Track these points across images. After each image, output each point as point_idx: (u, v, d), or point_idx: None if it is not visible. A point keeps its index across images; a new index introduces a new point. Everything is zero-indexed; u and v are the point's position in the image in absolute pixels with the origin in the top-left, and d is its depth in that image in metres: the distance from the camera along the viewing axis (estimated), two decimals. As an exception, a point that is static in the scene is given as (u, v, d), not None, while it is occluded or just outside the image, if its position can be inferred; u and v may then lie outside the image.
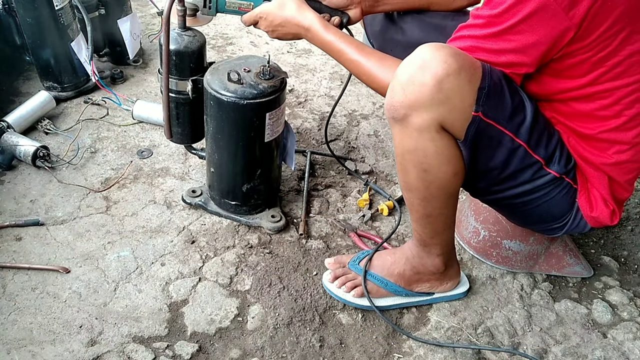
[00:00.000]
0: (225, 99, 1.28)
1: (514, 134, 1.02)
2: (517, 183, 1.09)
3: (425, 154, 1.02)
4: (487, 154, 1.04)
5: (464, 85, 0.95)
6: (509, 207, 1.21)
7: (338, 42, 1.15)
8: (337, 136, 1.91)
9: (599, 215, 1.11)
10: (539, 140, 1.05)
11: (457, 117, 0.98)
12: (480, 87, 0.96)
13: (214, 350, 1.21)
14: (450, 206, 1.15)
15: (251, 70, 1.32)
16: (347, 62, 1.15)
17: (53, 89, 1.91)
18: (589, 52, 0.95)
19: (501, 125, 1.00)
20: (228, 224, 1.52)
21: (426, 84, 0.94)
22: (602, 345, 1.28)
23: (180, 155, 1.75)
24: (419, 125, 0.99)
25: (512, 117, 1.01)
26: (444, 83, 0.94)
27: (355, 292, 1.30)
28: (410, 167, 1.06)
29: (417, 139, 1.01)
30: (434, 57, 0.94)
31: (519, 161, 1.05)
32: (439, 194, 1.09)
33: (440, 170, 1.04)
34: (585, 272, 1.45)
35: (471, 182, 1.12)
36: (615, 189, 1.10)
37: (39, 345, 1.18)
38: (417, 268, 1.28)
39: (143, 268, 1.38)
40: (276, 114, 1.34)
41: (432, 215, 1.15)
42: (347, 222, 1.56)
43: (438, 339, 1.27)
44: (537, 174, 1.07)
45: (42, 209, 1.51)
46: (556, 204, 1.12)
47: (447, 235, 1.23)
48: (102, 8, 2.00)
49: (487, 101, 0.97)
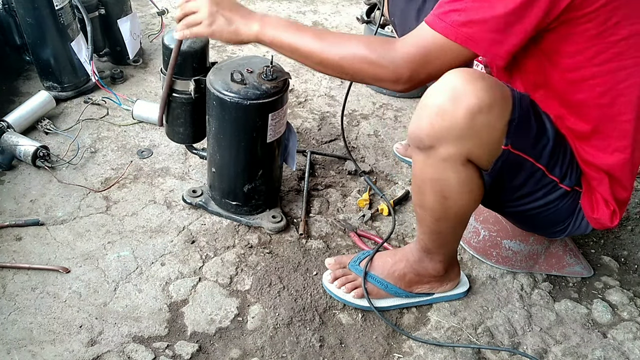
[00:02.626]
0: (228, 99, 1.28)
1: (535, 160, 1.01)
2: (530, 200, 1.09)
3: (447, 183, 1.02)
4: (508, 178, 1.04)
5: (495, 121, 0.94)
6: (518, 217, 1.22)
7: (286, 35, 1.06)
8: (337, 136, 1.91)
9: (600, 217, 1.11)
10: (556, 161, 1.04)
11: (484, 150, 0.97)
12: (510, 120, 0.95)
13: (214, 350, 1.21)
14: (463, 225, 1.16)
15: (254, 70, 1.32)
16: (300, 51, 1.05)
17: (53, 89, 1.91)
18: (586, 23, 0.92)
19: (527, 154, 1.00)
20: (228, 224, 1.52)
21: (457, 118, 0.92)
22: (602, 345, 1.28)
23: (180, 155, 1.75)
24: (444, 157, 0.97)
25: (537, 143, 1.01)
26: (476, 119, 0.92)
27: (356, 293, 1.29)
28: (430, 192, 1.06)
29: (442, 169, 1.00)
30: (467, 90, 0.92)
31: (535, 182, 1.05)
32: (454, 218, 1.10)
33: (461, 198, 1.04)
34: (585, 272, 1.45)
35: (486, 199, 1.11)
36: (616, 189, 1.10)
37: (39, 345, 1.18)
38: (418, 271, 1.28)
39: (143, 268, 1.38)
40: (279, 115, 1.34)
41: (443, 232, 1.16)
42: (347, 222, 1.56)
43: (438, 339, 1.27)
44: (550, 191, 1.08)
45: (42, 209, 1.51)
46: (563, 211, 1.12)
47: (452, 246, 1.24)
48: (102, 8, 2.00)
49: (516, 132, 0.96)
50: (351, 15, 2.78)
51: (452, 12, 0.92)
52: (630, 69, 0.97)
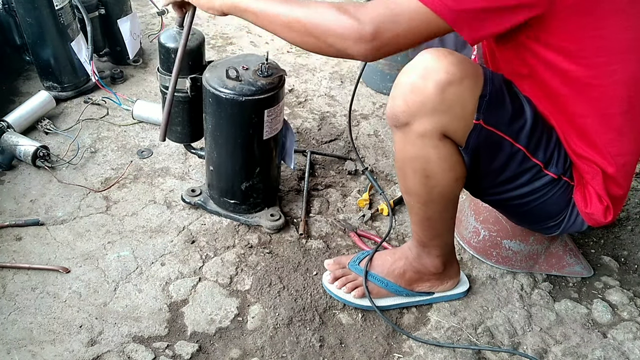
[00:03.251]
0: (223, 96, 1.28)
1: (513, 139, 1.02)
2: (516, 185, 1.09)
3: (427, 160, 1.02)
4: (488, 158, 1.04)
5: (466, 94, 0.95)
6: (508, 207, 1.22)
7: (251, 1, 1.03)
8: (337, 136, 1.91)
9: (594, 212, 1.11)
10: (538, 144, 1.05)
11: (458, 125, 0.98)
12: (482, 94, 0.96)
13: (214, 350, 1.21)
14: (451, 209, 1.15)
15: (249, 67, 1.32)
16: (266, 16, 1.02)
17: (53, 89, 1.91)
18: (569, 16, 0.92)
19: (501, 131, 1.00)
20: (228, 223, 1.52)
21: (428, 92, 0.94)
22: (602, 345, 1.28)
23: (180, 155, 1.75)
24: (421, 132, 0.99)
25: (512, 122, 1.01)
26: (446, 92, 0.94)
27: (356, 292, 1.30)
28: (411, 173, 1.06)
29: (419, 146, 1.01)
30: (437, 66, 0.94)
31: (517, 165, 1.05)
32: (439, 199, 1.10)
33: (443, 176, 1.04)
34: (585, 271, 1.45)
35: (470, 183, 1.12)
36: (609, 185, 1.09)
37: (39, 345, 1.18)
38: (417, 268, 1.28)
39: (143, 268, 1.38)
40: (275, 111, 1.34)
41: (432, 218, 1.15)
42: (347, 222, 1.56)
43: (438, 338, 1.27)
44: (535, 177, 1.07)
45: (42, 209, 1.51)
46: (554, 202, 1.12)
47: (446, 237, 1.23)
48: (102, 8, 2.00)
49: (488, 108, 0.97)
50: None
51: None
52: (615, 65, 0.97)
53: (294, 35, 1.01)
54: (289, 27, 1.00)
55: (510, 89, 1.02)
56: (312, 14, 0.97)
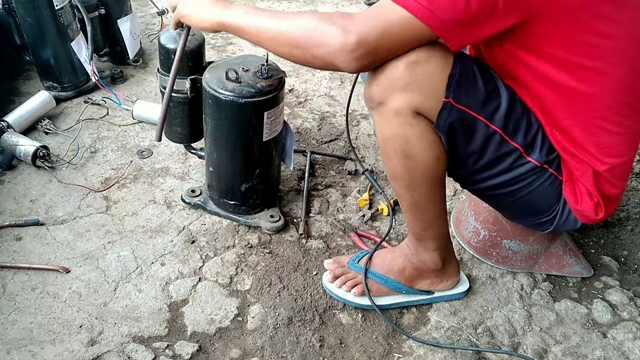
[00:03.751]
0: (223, 98, 1.28)
1: (488, 120, 1.03)
2: (497, 172, 1.10)
3: (405, 139, 1.04)
4: (464, 139, 1.05)
5: (435, 72, 0.98)
6: (494, 198, 1.21)
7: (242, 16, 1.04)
8: (337, 136, 1.91)
9: (584, 209, 1.11)
10: (516, 127, 1.06)
11: (430, 103, 1.00)
12: (451, 74, 0.98)
13: (214, 350, 1.21)
14: (437, 193, 1.15)
15: (249, 69, 1.32)
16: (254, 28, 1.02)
17: (53, 89, 1.91)
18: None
19: (474, 111, 1.02)
20: (228, 223, 1.52)
21: (397, 69, 0.97)
22: (602, 345, 1.28)
23: (180, 155, 1.75)
24: (395, 109, 1.01)
25: (486, 103, 1.02)
26: (414, 69, 0.96)
27: (356, 290, 1.30)
28: (392, 154, 1.08)
29: (396, 125, 1.03)
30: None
31: (495, 147, 1.06)
32: (423, 180, 1.10)
33: (422, 155, 1.06)
34: (585, 271, 1.45)
35: (453, 169, 1.13)
36: (601, 182, 1.09)
37: (39, 345, 1.18)
38: (416, 264, 1.28)
39: (143, 268, 1.38)
40: (274, 113, 1.34)
41: (421, 203, 1.15)
42: (347, 221, 1.56)
43: (438, 338, 1.27)
44: (516, 162, 1.08)
45: (42, 209, 1.51)
46: (541, 195, 1.12)
47: (439, 228, 1.23)
48: (102, 8, 2.00)
49: (458, 87, 0.99)
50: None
51: None
52: (603, 70, 0.98)
53: (281, 49, 1.01)
54: (275, 40, 1.01)
55: (485, 71, 1.04)
56: (296, 26, 0.98)
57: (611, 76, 0.98)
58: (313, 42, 0.96)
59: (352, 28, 0.93)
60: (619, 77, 0.99)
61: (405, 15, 0.91)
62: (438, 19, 0.90)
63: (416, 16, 0.90)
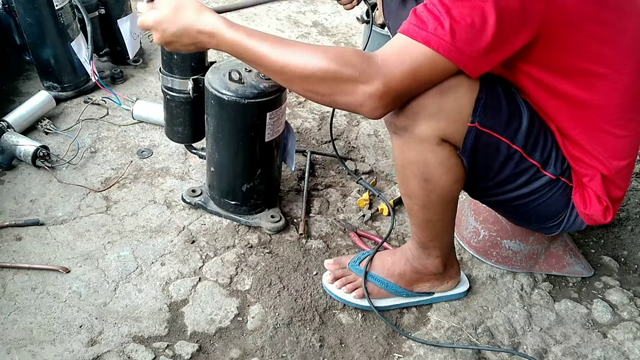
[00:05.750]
0: (226, 98, 1.28)
1: (510, 141, 1.02)
2: (514, 187, 1.09)
3: (426, 165, 1.03)
4: (485, 160, 1.05)
5: (462, 98, 0.96)
6: (507, 208, 1.22)
7: (248, 39, 0.94)
8: (337, 136, 1.91)
9: (593, 213, 1.12)
10: (535, 144, 1.05)
11: (456, 129, 0.99)
12: (478, 97, 0.97)
13: (214, 350, 1.21)
14: (450, 211, 1.15)
15: (252, 69, 1.32)
16: (262, 58, 0.94)
17: (53, 89, 1.91)
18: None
19: (497, 132, 1.01)
20: (228, 223, 1.52)
21: (425, 98, 0.95)
22: (602, 345, 1.28)
23: (180, 155, 1.75)
24: (420, 137, 0.99)
25: (509, 124, 1.01)
26: (442, 98, 0.95)
27: (356, 293, 1.30)
28: (411, 177, 1.07)
29: (418, 151, 1.01)
30: None
31: (514, 166, 1.05)
32: (439, 201, 1.10)
33: (442, 179, 1.05)
34: (585, 271, 1.45)
35: (469, 185, 1.12)
36: (609, 186, 1.10)
37: (39, 345, 1.18)
38: (417, 268, 1.28)
39: (143, 268, 1.38)
40: (277, 114, 1.34)
41: (432, 220, 1.16)
42: (347, 222, 1.56)
43: (438, 338, 1.27)
44: (533, 177, 1.08)
45: (42, 209, 1.51)
46: (552, 203, 1.13)
47: (446, 238, 1.23)
48: (102, 8, 2.00)
49: (484, 111, 0.98)
50: (351, 15, 2.78)
51: (438, 25, 0.87)
52: (608, 78, 0.98)
53: (295, 89, 0.96)
54: (289, 82, 0.94)
55: (507, 89, 1.03)
56: (312, 67, 0.90)
57: (618, 82, 0.98)
58: (334, 90, 0.90)
59: (376, 76, 0.88)
60: (626, 82, 0.99)
61: (429, 54, 0.88)
62: (463, 54, 0.88)
63: (442, 54, 0.88)
